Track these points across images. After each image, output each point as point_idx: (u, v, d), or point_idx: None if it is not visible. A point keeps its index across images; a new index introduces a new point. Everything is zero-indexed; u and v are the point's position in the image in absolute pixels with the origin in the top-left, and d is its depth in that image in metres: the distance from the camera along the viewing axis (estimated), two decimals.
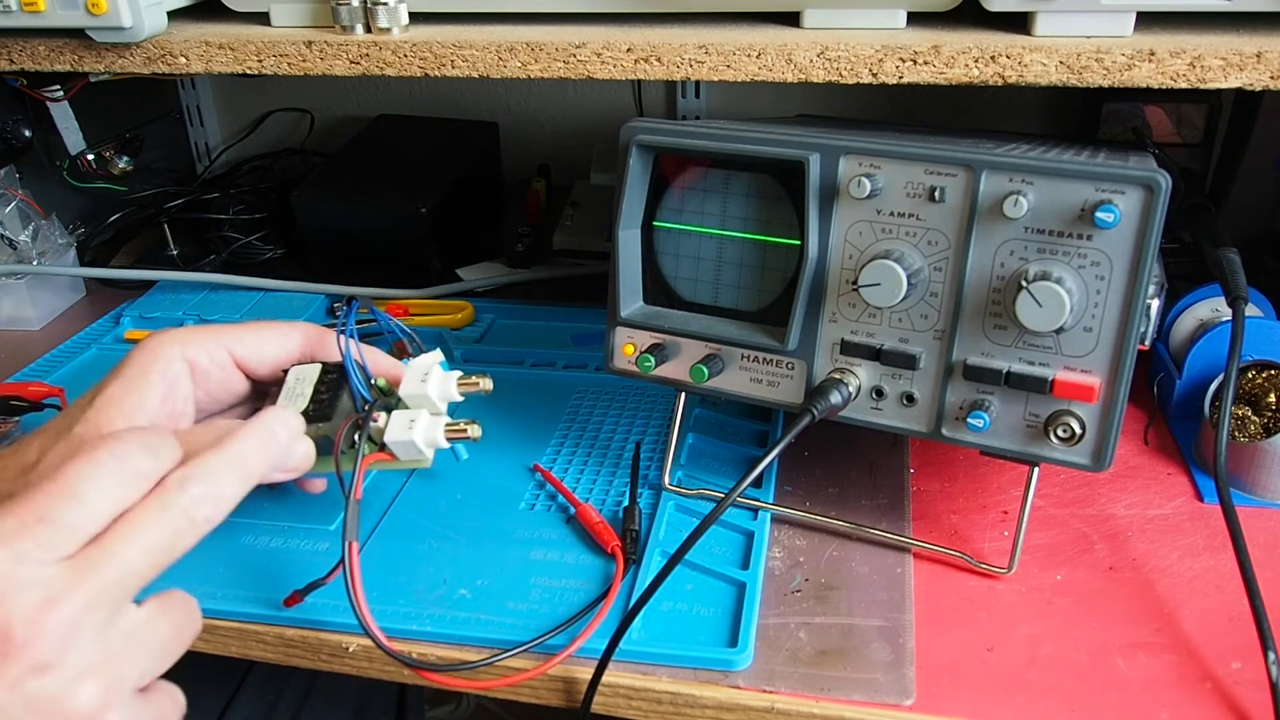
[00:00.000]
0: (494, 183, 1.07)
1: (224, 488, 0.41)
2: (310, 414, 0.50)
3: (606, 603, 0.51)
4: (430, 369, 0.52)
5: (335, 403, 0.50)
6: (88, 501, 0.36)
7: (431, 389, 0.51)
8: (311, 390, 0.51)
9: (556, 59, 0.58)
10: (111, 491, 0.37)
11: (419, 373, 0.52)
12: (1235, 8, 0.53)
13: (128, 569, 0.36)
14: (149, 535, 0.37)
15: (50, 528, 0.35)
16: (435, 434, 0.51)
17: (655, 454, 0.65)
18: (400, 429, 0.50)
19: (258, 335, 0.52)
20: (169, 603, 0.39)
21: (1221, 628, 0.51)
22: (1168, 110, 0.82)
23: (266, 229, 0.98)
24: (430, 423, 0.51)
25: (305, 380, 0.52)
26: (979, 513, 0.59)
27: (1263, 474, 0.59)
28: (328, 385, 0.51)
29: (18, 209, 0.87)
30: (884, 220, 0.50)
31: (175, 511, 0.38)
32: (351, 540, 0.46)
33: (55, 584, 0.34)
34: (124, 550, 0.36)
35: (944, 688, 0.48)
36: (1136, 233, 0.45)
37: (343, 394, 0.51)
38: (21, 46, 0.64)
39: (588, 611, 0.51)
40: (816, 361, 0.53)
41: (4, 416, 0.68)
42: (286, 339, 0.53)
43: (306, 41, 0.60)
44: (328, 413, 0.50)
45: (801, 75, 0.55)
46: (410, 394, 0.51)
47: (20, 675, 0.33)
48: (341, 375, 0.51)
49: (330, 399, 0.51)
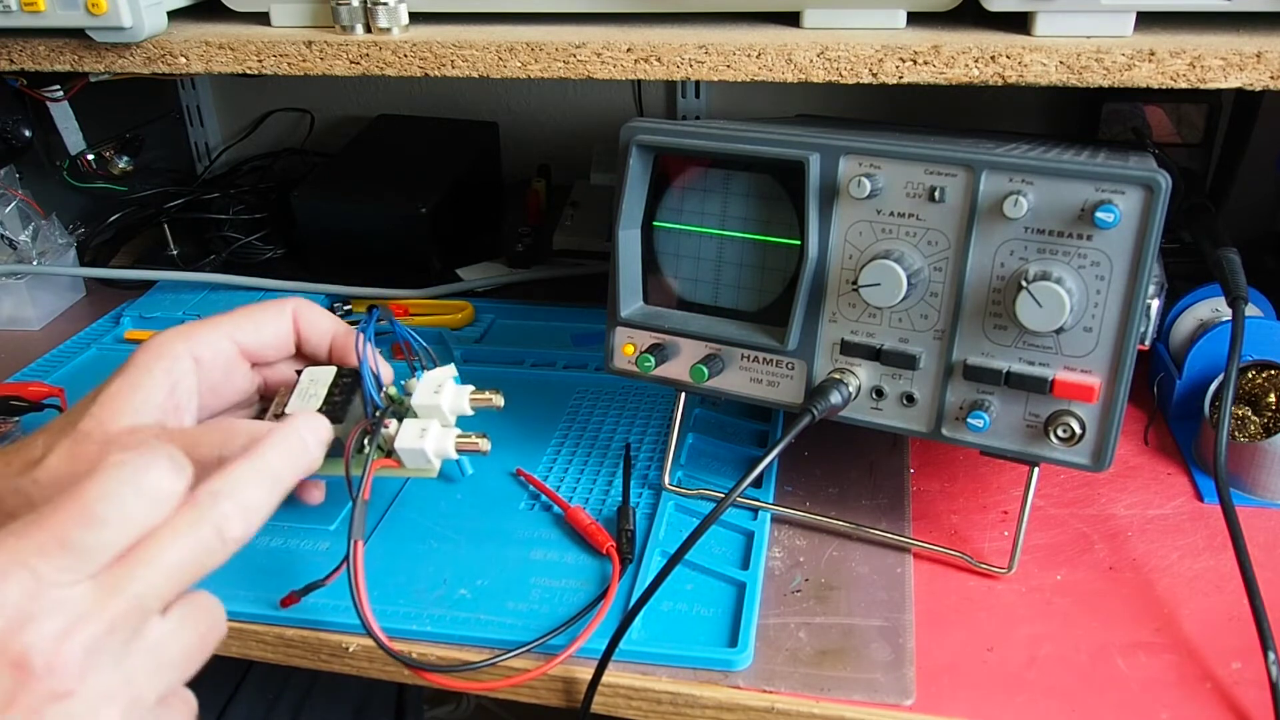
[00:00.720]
0: (494, 183, 1.07)
1: (257, 501, 0.39)
2: (323, 414, 0.50)
3: (605, 603, 0.51)
4: (444, 382, 0.52)
5: (348, 406, 0.51)
6: (110, 524, 0.35)
7: (444, 401, 0.51)
8: (325, 392, 0.51)
9: (556, 59, 0.58)
10: (135, 511, 0.36)
11: (432, 384, 0.52)
12: (1235, 8, 0.53)
13: (152, 590, 0.35)
14: (176, 554, 0.36)
15: (71, 552, 0.34)
16: (445, 445, 0.51)
17: (655, 454, 0.65)
18: (411, 437, 0.50)
19: (254, 320, 0.52)
20: (194, 610, 0.38)
21: (1221, 628, 0.51)
22: (1168, 110, 0.82)
23: (266, 229, 0.98)
24: (441, 433, 0.51)
25: (319, 382, 0.52)
26: (979, 513, 0.59)
27: (1263, 474, 0.59)
28: (341, 389, 0.51)
29: (18, 209, 0.87)
30: (884, 220, 0.50)
31: (206, 529, 0.37)
32: (358, 539, 0.46)
33: (76, 609, 0.33)
34: (149, 572, 0.35)
35: (944, 688, 0.48)
36: (1136, 233, 0.45)
37: (355, 398, 0.51)
38: (21, 46, 0.64)
39: (587, 612, 0.51)
40: (816, 361, 0.53)
41: (4, 416, 0.68)
42: (280, 315, 0.53)
43: (306, 41, 0.60)
44: (340, 415, 0.50)
45: (801, 75, 0.55)
46: (422, 404, 0.51)
47: (39, 703, 0.32)
48: (355, 380, 0.51)
49: (343, 402, 0.51)
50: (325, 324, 0.54)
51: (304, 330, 0.54)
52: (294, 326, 0.54)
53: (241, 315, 0.52)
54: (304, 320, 0.54)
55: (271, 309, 0.53)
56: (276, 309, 0.53)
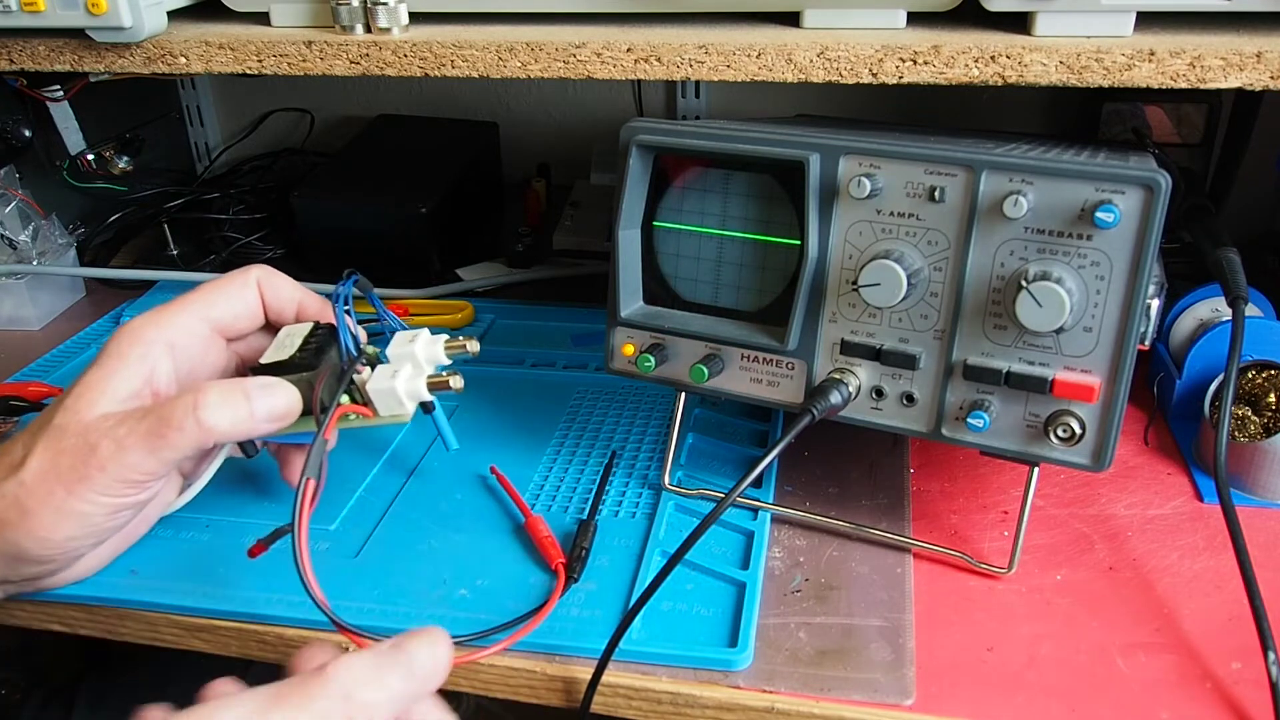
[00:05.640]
0: (494, 183, 1.07)
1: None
2: (295, 362, 0.50)
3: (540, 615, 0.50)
4: (418, 334, 0.53)
5: (321, 355, 0.51)
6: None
7: (419, 348, 0.51)
8: (300, 341, 0.52)
9: (556, 59, 0.58)
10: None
11: (406, 337, 0.53)
12: (1235, 8, 0.53)
13: None
14: None
15: None
16: (417, 384, 0.51)
17: (655, 454, 0.65)
18: (383, 378, 0.50)
19: (223, 294, 0.53)
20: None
21: (1221, 628, 0.51)
22: (1168, 110, 0.82)
23: (266, 229, 0.98)
24: (412, 374, 0.51)
25: (294, 334, 0.53)
26: (979, 513, 0.59)
27: (1263, 474, 0.59)
28: (316, 340, 0.52)
29: (18, 209, 0.87)
30: (884, 220, 0.50)
31: None
32: (309, 476, 0.46)
33: None
34: None
35: (944, 688, 0.48)
36: (1136, 233, 0.45)
37: (330, 349, 0.51)
38: (21, 46, 0.64)
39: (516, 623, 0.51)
40: (816, 361, 0.53)
41: (4, 416, 0.68)
42: (246, 287, 0.54)
43: (306, 41, 0.60)
44: (313, 362, 0.50)
45: (801, 75, 0.55)
46: (396, 353, 0.52)
47: None
48: (330, 333, 0.52)
49: (316, 350, 0.51)
50: (289, 290, 0.55)
51: (269, 298, 0.54)
52: (260, 296, 0.54)
53: (209, 291, 0.53)
54: (268, 288, 0.54)
55: (236, 281, 0.54)
56: (241, 280, 0.54)
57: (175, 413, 0.46)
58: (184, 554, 0.57)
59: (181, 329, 0.50)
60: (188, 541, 0.58)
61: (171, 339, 0.49)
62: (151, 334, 0.49)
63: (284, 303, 0.55)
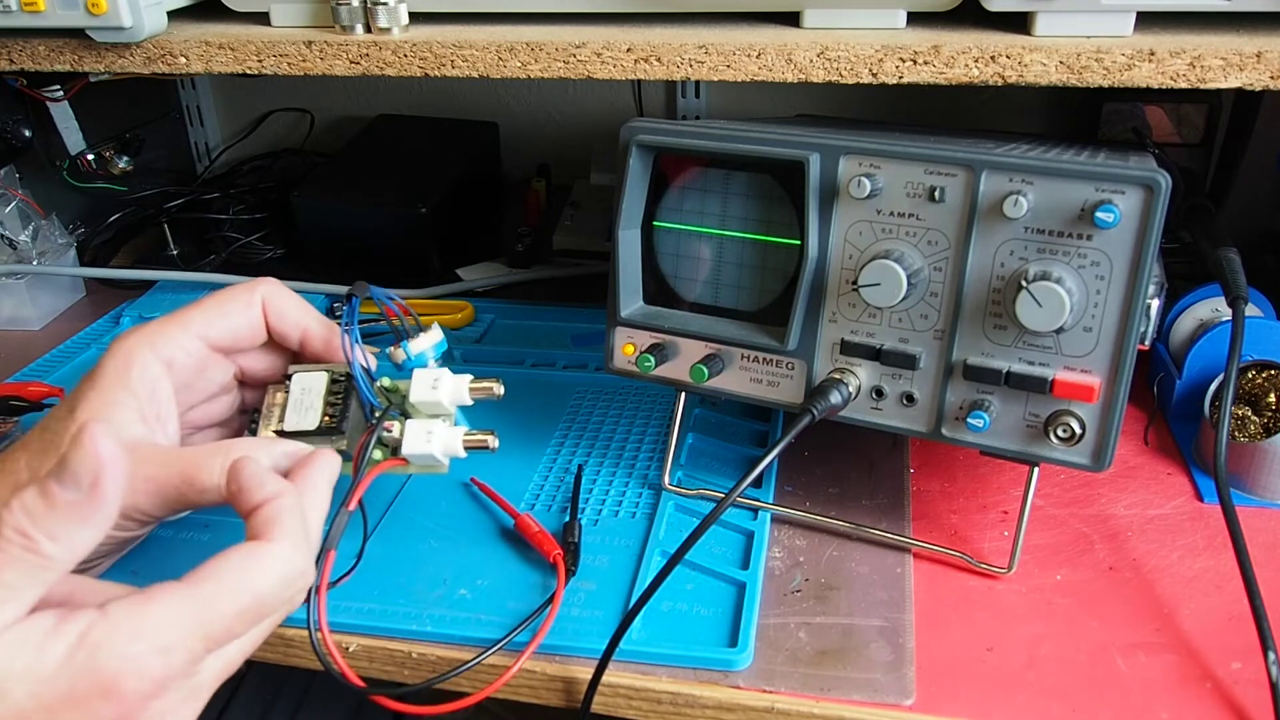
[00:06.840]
0: (494, 183, 1.07)
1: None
2: (324, 428, 0.50)
3: (553, 610, 0.51)
4: (440, 375, 0.51)
5: (346, 413, 0.50)
6: None
7: (443, 394, 0.50)
8: (321, 403, 0.50)
9: (556, 59, 0.58)
10: None
11: (429, 378, 0.50)
12: (1235, 8, 0.53)
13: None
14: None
15: None
16: (454, 444, 0.50)
17: (655, 454, 0.65)
18: (418, 441, 0.49)
19: (223, 311, 0.51)
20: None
21: (1221, 628, 0.51)
22: (1168, 110, 0.82)
23: (266, 229, 0.98)
24: (447, 433, 0.50)
25: (312, 391, 0.51)
26: (979, 513, 0.59)
27: (1263, 474, 0.59)
28: (336, 395, 0.51)
29: (18, 209, 0.87)
30: (884, 220, 0.50)
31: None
32: (330, 548, 0.46)
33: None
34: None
35: (944, 688, 0.48)
36: (1136, 233, 0.45)
37: (352, 403, 0.51)
38: (21, 46, 0.64)
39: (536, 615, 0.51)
40: (816, 361, 0.53)
41: (4, 416, 0.68)
42: (250, 306, 0.52)
43: (306, 41, 0.60)
44: (341, 425, 0.50)
45: (801, 75, 0.55)
46: (422, 400, 0.50)
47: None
48: (349, 383, 0.51)
49: (342, 409, 0.50)
50: (294, 314, 0.53)
51: (273, 321, 0.52)
52: (264, 315, 0.52)
53: (209, 307, 0.51)
54: (273, 311, 0.52)
55: (240, 298, 0.51)
56: (246, 299, 0.52)
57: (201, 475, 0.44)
58: (184, 554, 0.57)
59: (178, 347, 0.48)
60: (188, 541, 0.58)
61: (168, 358, 0.48)
62: (147, 356, 0.47)
63: (289, 327, 0.53)
